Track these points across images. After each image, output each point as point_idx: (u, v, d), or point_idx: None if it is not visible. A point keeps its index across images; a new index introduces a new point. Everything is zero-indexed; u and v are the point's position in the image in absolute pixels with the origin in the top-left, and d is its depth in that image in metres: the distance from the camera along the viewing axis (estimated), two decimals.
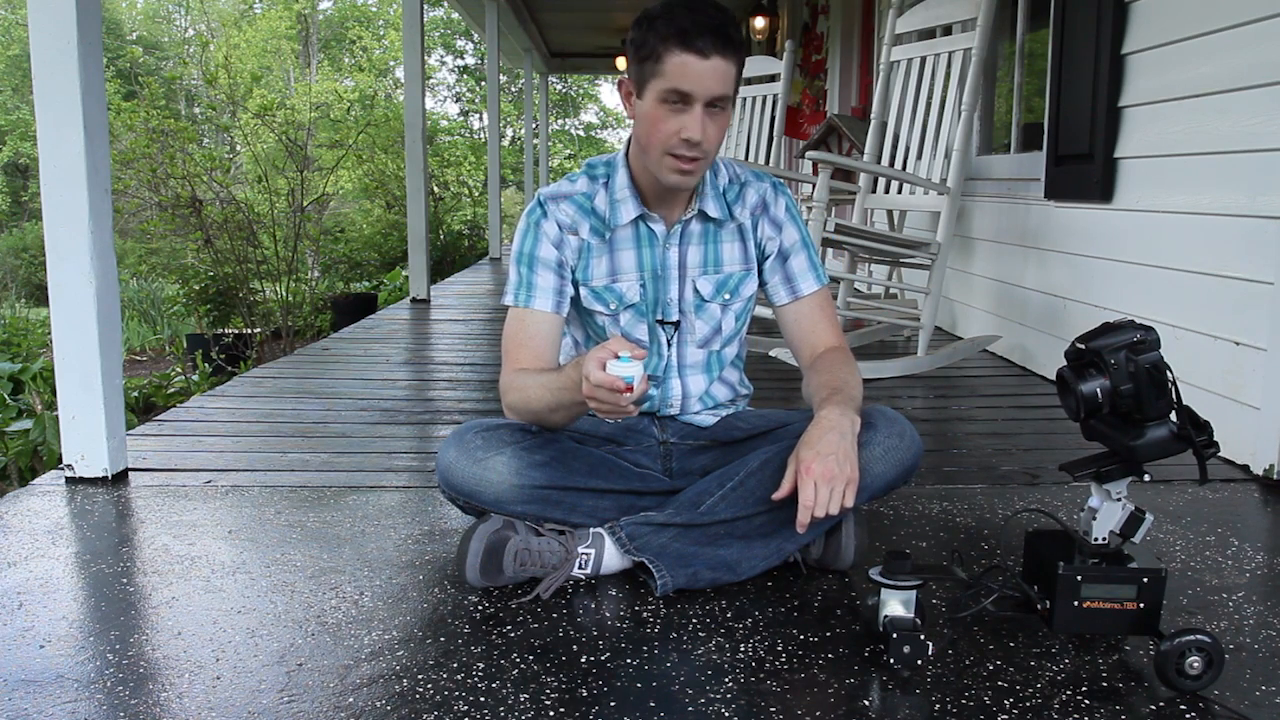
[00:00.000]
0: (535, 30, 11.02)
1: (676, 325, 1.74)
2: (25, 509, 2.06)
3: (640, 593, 1.61)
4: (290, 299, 7.48)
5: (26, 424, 3.99)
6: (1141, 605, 1.34)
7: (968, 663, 1.38)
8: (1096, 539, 1.37)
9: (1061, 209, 3.39)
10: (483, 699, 1.28)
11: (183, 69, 21.34)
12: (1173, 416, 1.31)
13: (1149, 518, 1.37)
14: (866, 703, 1.27)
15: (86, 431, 2.22)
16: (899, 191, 3.94)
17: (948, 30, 4.00)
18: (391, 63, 27.20)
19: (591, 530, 1.64)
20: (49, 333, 2.94)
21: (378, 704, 1.26)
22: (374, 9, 29.10)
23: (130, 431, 2.57)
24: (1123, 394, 1.29)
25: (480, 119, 28.94)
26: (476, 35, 24.04)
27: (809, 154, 3.51)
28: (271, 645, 1.43)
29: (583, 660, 1.39)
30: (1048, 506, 2.08)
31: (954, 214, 3.62)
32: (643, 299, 1.72)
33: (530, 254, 1.68)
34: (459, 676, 1.34)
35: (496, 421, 1.69)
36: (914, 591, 1.36)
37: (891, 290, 4.91)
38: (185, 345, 7.42)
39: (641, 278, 1.71)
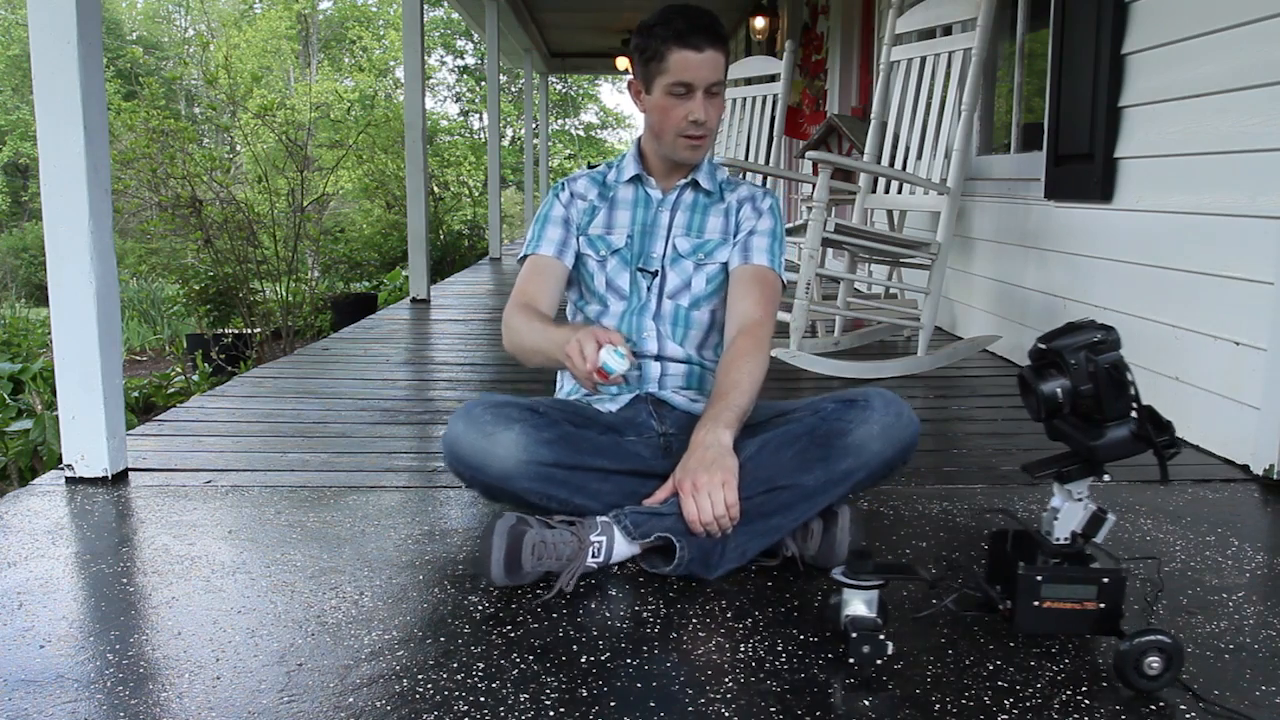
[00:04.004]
0: (535, 30, 11.02)
1: (655, 275, 1.94)
2: (25, 509, 2.06)
3: (640, 593, 1.61)
4: (290, 299, 7.47)
5: (26, 424, 3.99)
6: (1102, 605, 1.34)
7: (968, 663, 1.38)
8: (1058, 539, 1.37)
9: (1061, 209, 3.39)
10: (483, 699, 1.28)
11: (183, 69, 21.37)
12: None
13: (1110, 518, 1.37)
14: (866, 703, 1.27)
15: (86, 431, 2.22)
16: (899, 191, 3.94)
17: (948, 30, 3.99)
18: (391, 63, 27.22)
19: (599, 519, 1.66)
20: (49, 333, 2.94)
21: (378, 704, 1.27)
22: (374, 9, 29.12)
23: (130, 431, 2.57)
24: (1083, 394, 1.29)
25: (480, 119, 28.95)
26: (476, 35, 24.04)
27: (809, 154, 3.51)
28: (271, 645, 1.43)
29: (583, 660, 1.39)
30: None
31: (954, 214, 3.62)
32: (628, 248, 1.94)
33: (544, 215, 1.98)
34: (459, 676, 1.34)
35: (504, 398, 1.75)
36: (876, 591, 1.36)
37: (891, 290, 4.91)
38: (185, 345, 7.42)
39: (632, 231, 1.95)
